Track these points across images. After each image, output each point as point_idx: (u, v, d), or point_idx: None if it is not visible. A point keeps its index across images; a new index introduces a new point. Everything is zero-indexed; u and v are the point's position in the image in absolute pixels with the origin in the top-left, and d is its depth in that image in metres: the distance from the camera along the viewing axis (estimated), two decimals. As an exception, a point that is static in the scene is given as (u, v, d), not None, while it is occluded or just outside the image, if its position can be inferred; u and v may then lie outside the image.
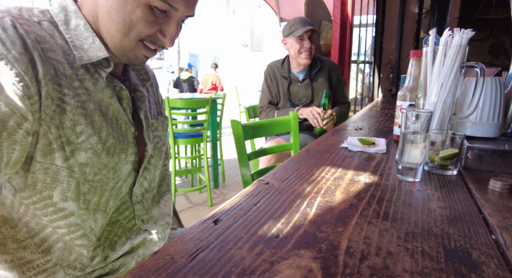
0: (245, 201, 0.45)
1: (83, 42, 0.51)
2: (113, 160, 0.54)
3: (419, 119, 0.54)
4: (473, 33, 0.63)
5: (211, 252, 0.32)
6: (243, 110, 2.29)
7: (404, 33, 2.66)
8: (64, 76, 0.48)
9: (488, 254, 0.33)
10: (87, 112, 0.50)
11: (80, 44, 0.51)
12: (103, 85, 0.54)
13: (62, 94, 0.47)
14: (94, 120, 0.51)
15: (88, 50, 0.51)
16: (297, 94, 1.90)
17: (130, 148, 0.58)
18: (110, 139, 0.54)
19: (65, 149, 0.48)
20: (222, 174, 2.88)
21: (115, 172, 0.55)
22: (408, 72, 0.82)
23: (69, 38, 0.51)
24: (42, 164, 0.47)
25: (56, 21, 0.51)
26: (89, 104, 0.51)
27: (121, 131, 0.56)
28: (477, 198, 0.48)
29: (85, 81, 0.51)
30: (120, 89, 0.56)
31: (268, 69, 1.96)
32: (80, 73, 0.51)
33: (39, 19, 0.49)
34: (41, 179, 0.48)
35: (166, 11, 0.51)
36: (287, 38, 1.83)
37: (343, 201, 0.46)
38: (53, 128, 0.46)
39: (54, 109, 0.46)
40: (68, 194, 0.50)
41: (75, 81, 0.50)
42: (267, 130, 1.25)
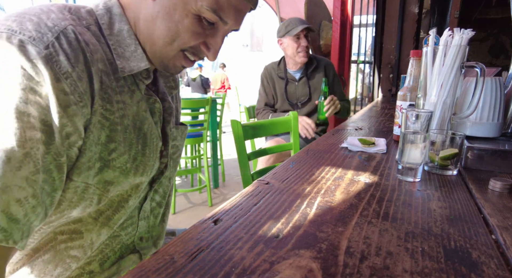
0: (245, 201, 0.45)
1: (125, 49, 0.47)
2: (140, 178, 0.51)
3: (419, 119, 0.54)
4: (473, 33, 0.63)
5: (211, 252, 0.32)
6: (243, 110, 2.29)
7: (404, 33, 2.66)
8: (109, 89, 0.45)
9: (488, 254, 0.33)
10: (121, 128, 0.47)
11: (122, 52, 0.47)
12: (138, 97, 0.50)
13: (104, 109, 0.44)
14: (126, 137, 0.48)
15: (130, 59, 0.47)
16: (295, 93, 1.91)
17: (156, 164, 0.55)
18: (139, 157, 0.51)
19: (95, 165, 0.45)
20: (222, 174, 2.88)
21: (137, 189, 0.52)
22: (408, 72, 0.82)
23: (112, 44, 0.47)
24: (74, 183, 0.44)
25: (100, 25, 0.47)
26: (124, 120, 0.47)
27: (152, 147, 0.53)
28: (477, 198, 0.48)
29: (123, 94, 0.48)
30: (154, 101, 0.53)
31: (264, 72, 1.98)
32: (120, 85, 0.47)
33: (88, 23, 0.46)
34: (69, 198, 0.45)
35: (214, 23, 0.48)
36: (283, 38, 1.84)
37: (343, 201, 0.46)
38: (93, 146, 0.44)
39: (96, 125, 0.44)
40: (88, 209, 0.48)
41: (117, 94, 0.46)
42: (267, 130, 1.25)
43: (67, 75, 0.39)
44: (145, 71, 0.50)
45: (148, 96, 0.52)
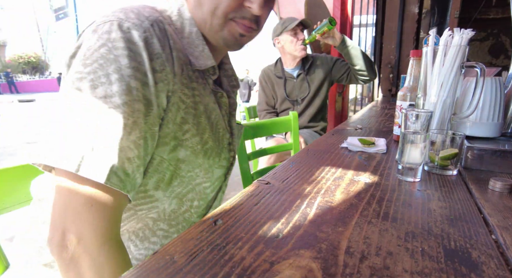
0: (245, 201, 0.45)
1: (194, 49, 0.54)
2: (208, 161, 0.57)
3: (419, 119, 0.54)
4: (473, 33, 0.63)
5: (211, 252, 0.32)
6: (243, 110, 2.29)
7: (404, 33, 2.66)
8: (187, 77, 0.51)
9: (488, 254, 0.33)
10: (196, 113, 0.53)
11: (192, 51, 0.53)
12: (209, 90, 0.56)
13: (183, 93, 0.50)
14: (200, 122, 0.54)
15: (198, 58, 0.54)
16: (294, 90, 1.91)
17: (223, 153, 0.60)
18: (210, 142, 0.56)
19: (170, 143, 0.51)
20: (222, 174, 2.88)
21: (207, 173, 0.58)
22: (408, 72, 0.82)
23: (184, 44, 0.53)
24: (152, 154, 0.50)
25: (176, 27, 0.53)
26: (199, 106, 0.53)
27: (218, 136, 0.59)
28: (477, 198, 0.48)
29: (199, 84, 0.54)
30: (221, 96, 0.59)
31: (262, 74, 2.00)
32: (196, 76, 0.54)
33: (167, 22, 0.52)
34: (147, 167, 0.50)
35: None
36: (281, 35, 1.85)
37: (343, 201, 0.46)
38: (170, 123, 0.49)
39: (175, 106, 0.49)
40: (161, 184, 0.53)
41: (194, 82, 0.53)
42: (267, 130, 1.25)
43: (158, 56, 0.46)
44: (211, 68, 0.56)
45: (215, 90, 0.58)
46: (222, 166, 0.61)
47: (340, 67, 1.88)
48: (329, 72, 1.90)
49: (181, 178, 0.54)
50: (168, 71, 0.47)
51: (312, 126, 1.95)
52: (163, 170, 0.52)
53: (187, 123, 0.52)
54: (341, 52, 1.74)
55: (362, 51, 1.73)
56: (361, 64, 1.72)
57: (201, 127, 0.54)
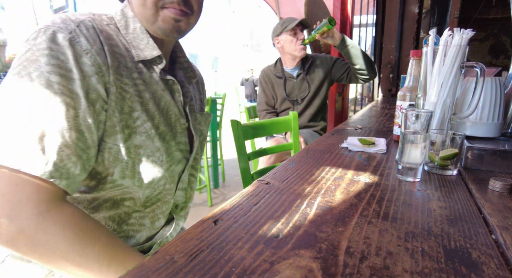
0: (245, 201, 0.45)
1: (139, 43, 0.58)
2: (165, 144, 0.60)
3: (419, 119, 0.54)
4: (473, 33, 0.63)
5: (211, 252, 0.32)
6: (243, 110, 2.29)
7: (404, 33, 2.66)
8: (125, 68, 0.55)
9: (488, 254, 0.33)
10: (143, 100, 0.57)
11: (137, 44, 0.58)
12: (157, 79, 0.60)
13: (124, 83, 0.54)
14: (148, 108, 0.57)
15: (144, 49, 0.58)
16: (294, 90, 1.91)
17: (178, 137, 0.64)
18: (162, 126, 0.60)
19: (124, 131, 0.54)
20: (222, 174, 2.88)
21: (168, 155, 0.61)
22: (408, 72, 0.82)
23: (129, 40, 0.58)
24: (106, 144, 0.54)
25: (118, 27, 0.59)
26: (145, 94, 0.57)
27: (170, 121, 0.62)
28: (477, 198, 0.48)
29: (143, 74, 0.58)
30: (172, 83, 0.63)
31: (262, 74, 2.00)
32: (139, 67, 0.58)
33: (107, 23, 0.58)
34: (106, 158, 0.54)
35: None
36: (280, 35, 1.85)
37: (343, 201, 0.46)
38: (117, 113, 0.53)
39: (117, 96, 0.53)
40: (126, 172, 0.56)
41: (134, 72, 0.56)
42: (267, 130, 1.25)
43: (87, 51, 0.50)
44: (158, 58, 0.59)
45: (164, 78, 0.61)
46: (180, 149, 0.64)
47: (340, 67, 1.87)
48: (329, 72, 1.90)
49: (143, 163, 0.57)
50: (100, 64, 0.51)
51: (312, 126, 1.95)
52: (123, 157, 0.55)
53: (136, 110, 0.55)
54: (341, 51, 1.74)
55: (362, 51, 1.73)
56: (361, 63, 1.71)
57: (150, 113, 0.58)
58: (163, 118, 0.60)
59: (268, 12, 5.40)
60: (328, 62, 1.90)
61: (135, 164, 0.57)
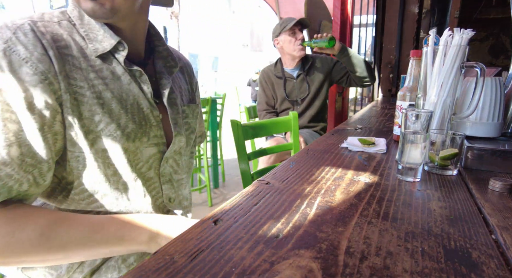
0: (245, 201, 0.45)
1: (96, 34, 0.54)
2: (134, 144, 0.57)
3: (419, 119, 0.54)
4: (473, 33, 0.63)
5: (211, 252, 0.32)
6: (243, 110, 2.29)
7: (404, 33, 2.66)
8: (79, 70, 0.52)
9: (488, 254, 0.33)
10: (104, 101, 0.53)
11: (94, 36, 0.54)
12: (120, 72, 0.56)
13: (78, 87, 0.51)
14: (111, 109, 0.54)
15: (102, 40, 0.54)
16: (294, 90, 1.91)
17: (152, 131, 0.60)
18: (130, 124, 0.56)
19: (88, 137, 0.52)
20: (222, 174, 2.88)
21: (135, 155, 0.58)
22: (408, 72, 0.82)
23: (84, 32, 0.54)
24: (72, 153, 0.52)
25: (72, 19, 0.54)
26: (106, 94, 0.54)
27: (143, 115, 0.59)
28: (477, 198, 0.48)
29: (102, 71, 0.54)
30: (139, 74, 0.58)
31: (262, 74, 2.01)
32: (97, 64, 0.54)
33: (59, 19, 0.53)
34: (75, 166, 0.53)
35: None
36: (280, 36, 1.86)
37: (343, 201, 0.46)
38: (76, 120, 0.51)
39: (73, 102, 0.50)
40: (99, 177, 0.55)
41: (91, 73, 0.53)
42: (267, 130, 1.25)
43: (27, 60, 0.46)
44: (119, 45, 0.55)
45: (130, 69, 0.57)
46: (153, 144, 0.61)
47: (340, 70, 1.88)
48: (329, 73, 1.90)
49: (113, 166, 0.56)
50: (45, 72, 0.47)
51: (312, 126, 1.95)
52: (93, 163, 0.54)
53: (97, 114, 0.53)
54: (340, 60, 1.76)
55: (361, 59, 1.75)
56: (360, 71, 1.74)
57: (114, 114, 0.54)
58: (132, 115, 0.57)
59: (268, 12, 5.40)
60: (328, 63, 1.90)
61: (106, 168, 0.55)
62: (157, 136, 0.62)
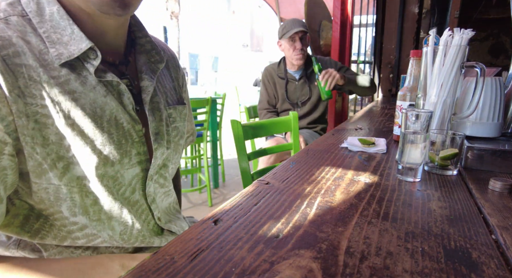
0: (245, 201, 0.45)
1: (61, 34, 0.42)
2: (113, 168, 0.48)
3: (419, 119, 0.54)
4: (473, 33, 0.63)
5: (211, 252, 0.32)
6: (243, 110, 2.29)
7: (404, 33, 2.66)
8: (38, 84, 0.40)
9: (488, 254, 0.33)
10: (73, 121, 0.43)
11: (58, 37, 0.42)
12: (93, 82, 0.45)
13: (40, 107, 0.40)
14: (83, 130, 0.44)
15: (68, 43, 0.42)
16: (295, 92, 1.91)
17: (134, 149, 0.51)
18: (108, 146, 0.47)
19: (57, 166, 0.43)
20: (222, 174, 2.88)
21: (115, 180, 0.49)
22: (408, 72, 0.82)
23: (44, 32, 0.42)
24: (39, 185, 0.43)
25: (28, 13, 0.42)
26: (75, 112, 0.43)
27: (123, 132, 0.49)
28: (477, 198, 0.48)
29: (70, 83, 0.43)
30: (117, 83, 0.48)
31: (265, 72, 2.00)
32: (63, 75, 0.43)
33: (6, 15, 0.41)
34: (45, 198, 0.45)
35: None
36: (281, 40, 1.86)
37: (343, 201, 0.46)
38: (38, 148, 0.41)
39: (33, 126, 0.40)
40: (75, 209, 0.47)
41: (54, 87, 0.42)
42: (267, 130, 1.25)
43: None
44: (90, 51, 0.44)
45: (103, 79, 0.46)
46: (135, 163, 0.51)
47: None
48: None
49: (92, 194, 0.47)
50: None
51: (311, 127, 1.96)
52: (66, 195, 0.45)
53: (66, 137, 0.43)
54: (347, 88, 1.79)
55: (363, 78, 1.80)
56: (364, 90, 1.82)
57: (88, 136, 0.44)
58: (109, 134, 0.47)
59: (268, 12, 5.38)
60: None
61: (83, 197, 0.47)
62: (140, 153, 0.52)
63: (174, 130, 0.60)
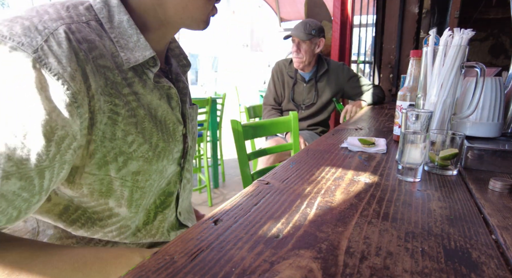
0: (245, 201, 0.45)
1: (128, 40, 0.47)
2: (162, 163, 0.53)
3: (419, 119, 0.54)
4: (473, 33, 0.63)
5: (211, 252, 0.32)
6: (243, 110, 2.30)
7: (404, 33, 2.66)
8: (114, 84, 0.45)
9: (488, 254, 0.33)
10: (137, 120, 0.48)
11: (125, 43, 0.47)
12: (151, 86, 0.50)
13: (113, 104, 0.44)
14: (144, 127, 0.49)
15: (134, 49, 0.47)
16: (301, 94, 1.90)
17: (176, 147, 0.56)
18: (161, 143, 0.52)
19: (117, 159, 0.47)
20: (222, 174, 2.88)
21: (161, 174, 0.54)
22: (408, 72, 0.82)
23: (114, 37, 0.46)
24: (97, 176, 0.46)
25: (100, 19, 0.46)
26: (139, 111, 0.48)
27: (169, 132, 0.54)
28: (477, 198, 0.48)
29: (134, 85, 0.48)
30: (168, 88, 0.53)
31: (275, 67, 1.97)
32: (129, 77, 0.47)
33: (87, 19, 0.45)
34: (97, 189, 0.48)
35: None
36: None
37: (343, 201, 0.46)
38: (106, 142, 0.45)
39: (106, 122, 0.44)
40: (122, 201, 0.50)
41: (125, 87, 0.46)
42: (267, 130, 1.25)
43: (58, 76, 0.38)
44: (151, 59, 0.49)
45: (159, 84, 0.52)
46: (175, 159, 0.57)
47: (353, 88, 1.87)
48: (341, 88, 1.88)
49: (141, 189, 0.52)
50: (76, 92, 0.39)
51: (311, 129, 1.96)
52: (118, 188, 0.49)
53: (130, 134, 0.47)
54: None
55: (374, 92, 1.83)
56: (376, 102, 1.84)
57: (147, 133, 0.49)
58: (162, 133, 0.52)
59: (268, 12, 5.39)
60: (344, 76, 1.85)
61: (133, 192, 0.51)
62: (179, 151, 0.58)
63: (194, 127, 0.66)
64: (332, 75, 1.87)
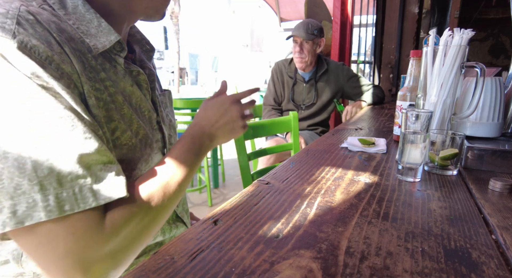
0: (245, 201, 0.45)
1: (88, 26, 0.43)
2: (146, 151, 0.50)
3: (419, 119, 0.54)
4: (473, 33, 0.63)
5: (211, 252, 0.32)
6: (243, 110, 2.28)
7: (404, 33, 2.66)
8: (92, 69, 0.42)
9: (488, 254, 0.33)
10: (116, 106, 0.45)
11: (86, 29, 0.42)
12: (122, 72, 0.48)
13: (95, 89, 0.41)
14: (124, 114, 0.46)
15: (97, 35, 0.43)
16: (301, 94, 1.90)
17: (155, 135, 0.54)
18: (141, 131, 0.49)
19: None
20: (222, 174, 2.88)
21: (147, 163, 0.51)
22: (408, 72, 0.82)
23: (73, 23, 0.42)
24: None
25: (51, 5, 0.41)
26: (117, 97, 0.45)
27: (145, 120, 0.51)
28: (477, 198, 0.48)
29: (107, 71, 0.45)
30: (137, 73, 0.50)
31: (275, 67, 1.97)
32: (100, 63, 0.44)
33: (38, 4, 0.40)
34: None
35: None
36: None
37: (343, 201, 0.46)
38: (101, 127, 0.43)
39: (92, 106, 0.41)
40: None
41: (101, 72, 0.43)
42: (267, 130, 1.25)
43: (49, 60, 0.34)
44: (117, 44, 0.46)
45: (129, 69, 0.49)
46: (158, 148, 0.55)
47: (353, 88, 1.86)
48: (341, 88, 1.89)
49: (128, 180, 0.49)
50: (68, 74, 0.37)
51: (311, 129, 1.96)
52: None
53: (113, 120, 0.44)
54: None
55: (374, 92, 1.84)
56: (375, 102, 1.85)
57: (127, 119, 0.47)
58: (140, 119, 0.50)
59: (268, 12, 5.39)
60: (344, 76, 1.85)
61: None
62: (159, 140, 0.56)
63: (168, 115, 0.63)
64: (331, 75, 1.86)
